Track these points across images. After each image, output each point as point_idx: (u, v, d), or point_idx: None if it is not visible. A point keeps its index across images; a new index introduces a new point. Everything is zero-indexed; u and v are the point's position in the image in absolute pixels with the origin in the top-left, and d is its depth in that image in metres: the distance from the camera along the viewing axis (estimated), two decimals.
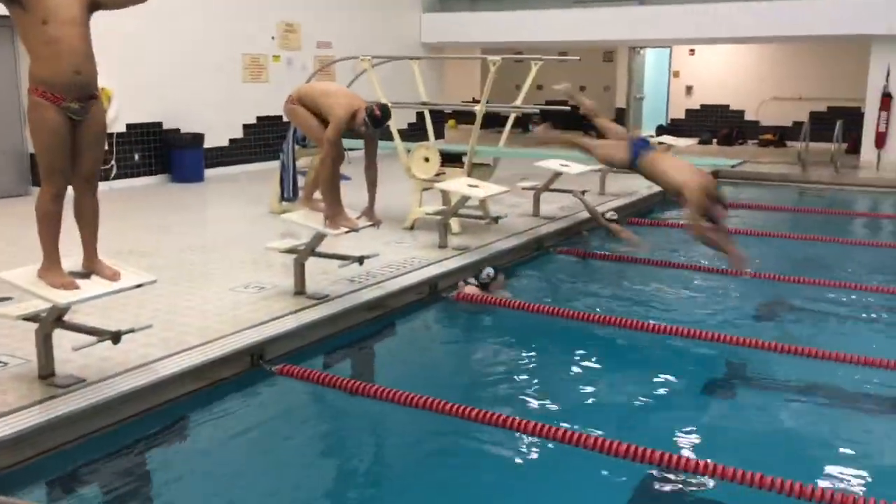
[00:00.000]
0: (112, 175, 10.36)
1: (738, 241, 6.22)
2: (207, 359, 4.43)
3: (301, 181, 8.25)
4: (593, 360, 5.14)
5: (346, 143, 6.69)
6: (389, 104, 5.87)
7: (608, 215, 8.26)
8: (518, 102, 8.64)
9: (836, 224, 9.60)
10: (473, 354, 5.56)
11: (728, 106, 18.32)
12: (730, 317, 5.91)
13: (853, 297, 6.29)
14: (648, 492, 3.60)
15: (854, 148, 14.54)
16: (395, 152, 8.39)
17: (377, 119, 5.54)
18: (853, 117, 14.94)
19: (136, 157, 10.77)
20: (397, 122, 8.63)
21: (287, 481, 3.70)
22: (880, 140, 13.38)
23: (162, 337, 4.69)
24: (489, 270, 6.24)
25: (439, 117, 16.35)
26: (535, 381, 4.84)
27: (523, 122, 19.32)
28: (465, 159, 8.04)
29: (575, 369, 5.00)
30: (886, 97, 13.19)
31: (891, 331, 5.74)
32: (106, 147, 9.70)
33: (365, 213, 5.83)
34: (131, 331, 4.26)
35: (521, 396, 4.57)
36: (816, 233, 8.55)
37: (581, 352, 5.25)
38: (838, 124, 12.91)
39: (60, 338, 4.14)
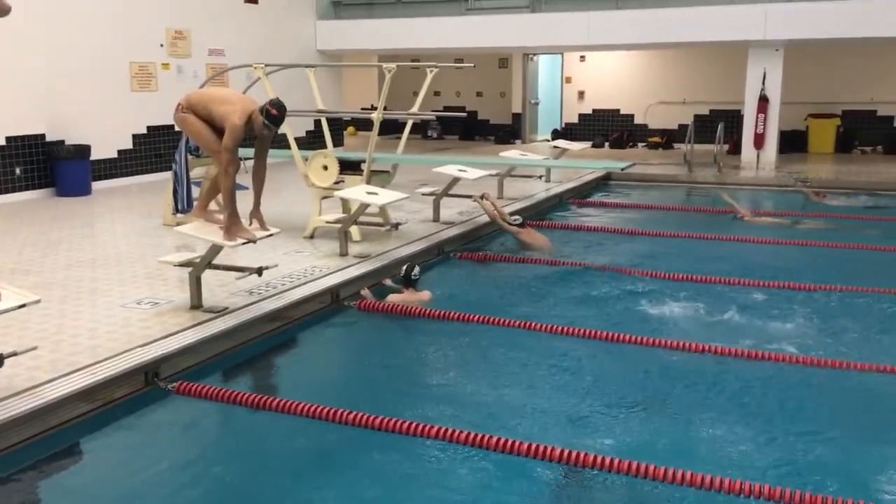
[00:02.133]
0: None
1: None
2: (98, 379, 4.25)
3: (196, 192, 8.03)
4: (495, 363, 5.21)
5: (241, 151, 6.52)
6: (286, 108, 5.78)
7: (512, 219, 8.40)
8: (415, 109, 8.71)
9: (720, 223, 10.06)
10: (377, 362, 5.53)
11: (618, 110, 18.98)
12: (624, 315, 6.10)
13: (741, 292, 6.59)
14: (550, 488, 3.68)
15: (735, 149, 15.33)
16: (293, 161, 8.28)
17: (275, 118, 5.46)
18: (733, 119, 15.79)
19: (18, 170, 10.24)
20: (295, 131, 8.53)
21: None
22: (758, 141, 14.16)
23: (49, 359, 4.48)
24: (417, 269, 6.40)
25: (338, 125, 16.25)
26: (439, 386, 4.88)
27: (421, 128, 19.51)
28: (364, 166, 8.02)
29: (478, 373, 5.06)
30: (763, 100, 13.96)
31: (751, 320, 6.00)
32: None
33: (253, 216, 5.72)
34: (14, 354, 4.05)
35: (426, 402, 4.58)
36: (701, 231, 8.96)
37: (484, 355, 5.31)
38: (720, 126, 13.59)
39: None
